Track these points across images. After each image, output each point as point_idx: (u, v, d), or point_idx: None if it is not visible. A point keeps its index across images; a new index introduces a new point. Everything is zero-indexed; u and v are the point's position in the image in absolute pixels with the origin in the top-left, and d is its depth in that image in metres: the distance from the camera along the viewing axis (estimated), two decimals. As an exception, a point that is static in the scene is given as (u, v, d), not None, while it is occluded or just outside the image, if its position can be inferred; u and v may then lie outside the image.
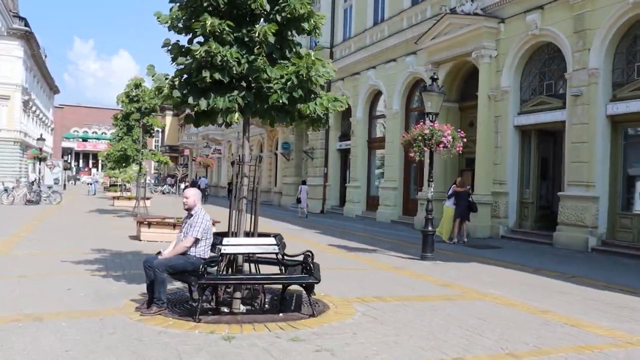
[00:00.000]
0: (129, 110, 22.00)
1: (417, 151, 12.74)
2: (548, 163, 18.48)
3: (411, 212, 23.22)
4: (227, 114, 6.79)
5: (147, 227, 14.27)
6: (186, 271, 6.69)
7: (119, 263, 10.57)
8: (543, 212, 18.14)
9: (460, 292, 9.10)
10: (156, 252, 7.26)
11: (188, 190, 7.16)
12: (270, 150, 40.69)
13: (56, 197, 31.11)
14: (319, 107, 7.20)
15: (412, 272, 11.01)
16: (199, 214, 6.94)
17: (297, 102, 7.03)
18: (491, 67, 18.43)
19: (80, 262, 10.46)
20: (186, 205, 7.01)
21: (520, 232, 17.59)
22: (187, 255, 6.76)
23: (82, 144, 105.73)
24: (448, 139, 12.57)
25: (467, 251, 14.89)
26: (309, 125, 7.61)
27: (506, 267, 12.16)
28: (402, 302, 8.04)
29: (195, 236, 6.77)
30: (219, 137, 52.23)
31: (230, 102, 6.71)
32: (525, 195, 18.07)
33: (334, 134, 30.13)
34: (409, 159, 23.88)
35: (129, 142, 22.18)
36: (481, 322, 6.99)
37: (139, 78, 22.29)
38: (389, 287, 9.31)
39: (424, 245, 12.95)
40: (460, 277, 10.56)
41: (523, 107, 17.93)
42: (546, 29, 16.57)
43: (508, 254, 14.34)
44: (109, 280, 8.82)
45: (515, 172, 18.08)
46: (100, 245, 13.01)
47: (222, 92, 6.77)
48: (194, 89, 6.84)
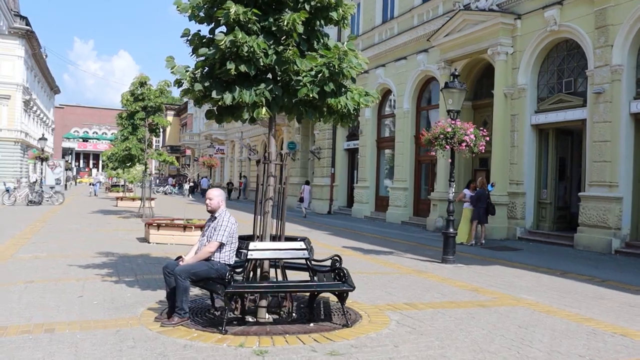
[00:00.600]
0: (133, 109, 21.50)
1: (438, 149, 12.24)
2: (566, 163, 17.99)
3: (422, 213, 22.76)
4: (254, 108, 6.31)
5: (156, 229, 13.77)
6: (210, 278, 6.19)
7: (130, 267, 10.08)
8: (561, 213, 17.65)
9: (492, 298, 8.62)
10: (175, 257, 6.77)
11: (212, 191, 6.64)
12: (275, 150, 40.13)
13: (58, 198, 30.63)
14: (350, 102, 6.72)
15: (436, 276, 10.52)
16: (224, 217, 6.45)
17: (327, 97, 6.55)
18: (507, 64, 17.94)
19: (90, 266, 9.98)
20: (210, 207, 6.51)
21: (538, 234, 17.10)
22: (211, 261, 6.27)
23: (82, 144, 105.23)
24: (471, 137, 12.10)
25: (487, 253, 14.40)
26: (337, 121, 7.13)
27: (531, 271, 11.67)
28: (436, 309, 7.55)
29: (220, 240, 6.28)
30: (221, 137, 51.75)
31: (257, 96, 6.22)
32: (542, 196, 17.58)
33: (341, 134, 29.64)
34: (420, 158, 23.51)
35: (133, 142, 21.66)
36: (525, 331, 6.51)
37: (144, 76, 21.82)
38: (416, 292, 8.82)
39: (445, 247, 12.46)
40: (488, 281, 10.10)
41: (540, 106, 17.44)
42: (565, 25, 16.08)
43: (530, 257, 13.86)
44: (122, 286, 8.33)
45: (532, 172, 17.60)
46: (108, 248, 12.53)
47: (247, 85, 6.28)
48: (217, 82, 6.35)
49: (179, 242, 13.54)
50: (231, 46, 5.97)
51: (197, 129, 67.33)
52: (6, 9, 45.48)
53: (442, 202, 20.06)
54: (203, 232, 6.63)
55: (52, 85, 74.70)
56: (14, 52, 48.17)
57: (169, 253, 11.99)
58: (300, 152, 33.93)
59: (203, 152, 59.97)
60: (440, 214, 20.06)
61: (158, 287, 8.27)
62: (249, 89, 6.24)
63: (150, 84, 21.88)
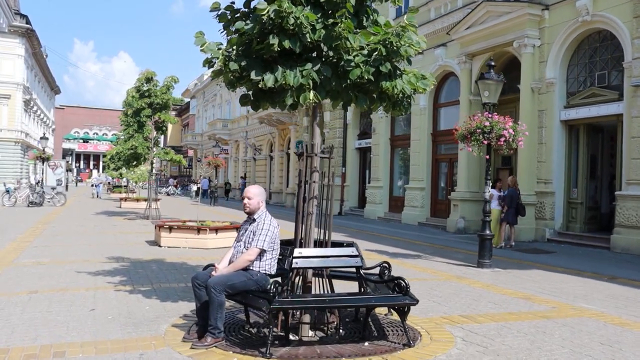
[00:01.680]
0: (139, 106, 20.55)
1: (475, 145, 11.32)
2: (596, 161, 17.06)
3: (440, 213, 21.85)
4: (299, 92, 5.38)
5: (168, 232, 12.83)
6: (249, 291, 5.27)
7: (144, 274, 9.15)
8: (592, 214, 16.73)
9: (551, 308, 7.71)
10: (205, 265, 5.85)
11: (251, 189, 5.69)
12: (281, 150, 39.27)
13: (60, 199, 29.69)
14: (407, 86, 5.80)
15: (478, 282, 9.62)
16: (264, 219, 5.52)
17: (380, 80, 5.64)
18: (534, 57, 17.02)
19: (99, 274, 9.06)
20: (248, 208, 5.56)
21: (569, 235, 16.17)
22: (249, 271, 5.34)
23: (82, 145, 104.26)
24: (509, 132, 11.19)
25: (520, 256, 13.49)
26: (389, 109, 6.21)
27: (576, 275, 10.80)
28: (498, 322, 6.64)
29: (261, 247, 5.35)
30: (225, 136, 50.78)
31: (303, 78, 5.30)
32: (572, 195, 16.65)
33: (352, 132, 28.74)
34: (437, 157, 22.59)
35: (139, 140, 20.71)
36: (611, 350, 5.62)
37: (151, 72, 20.88)
38: (466, 301, 7.90)
39: (481, 250, 11.55)
40: (535, 288, 9.21)
41: (571, 100, 16.52)
42: (599, 14, 15.17)
43: (567, 260, 12.95)
44: (138, 297, 7.40)
45: (561, 170, 16.68)
46: (116, 252, 11.61)
47: (290, 65, 5.37)
48: (255, 61, 5.42)
49: (192, 246, 12.62)
50: (275, 17, 5.05)
51: (199, 129, 66.42)
52: (6, 7, 44.56)
53: (463, 203, 19.20)
54: (238, 237, 5.69)
55: (53, 85, 73.77)
56: (14, 50, 47.31)
57: (184, 258, 11.08)
58: (309, 152, 32.93)
59: (206, 153, 59.14)
60: (461, 214, 19.16)
61: (179, 297, 7.35)
62: (293, 70, 5.32)
63: (156, 79, 20.95)
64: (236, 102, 50.37)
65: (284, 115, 35.58)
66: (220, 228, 13.05)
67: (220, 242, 12.84)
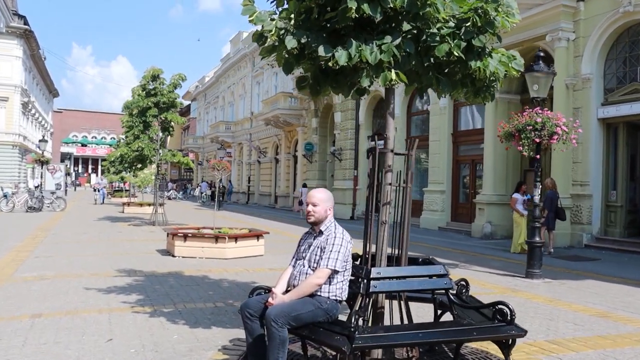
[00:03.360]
0: (145, 105, 19.41)
1: (526, 144, 10.22)
2: (636, 161, 15.97)
3: (461, 217, 20.77)
4: (378, 71, 4.27)
5: (182, 241, 11.69)
6: (317, 323, 4.14)
7: (163, 291, 8.02)
8: (632, 217, 15.64)
9: (637, 329, 6.64)
10: (252, 288, 4.72)
11: (316, 193, 4.51)
12: (288, 152, 38.14)
13: (60, 204, 28.51)
14: (500, 67, 4.72)
15: (539, 296, 8.55)
16: (335, 232, 4.38)
17: (470, 58, 4.56)
18: (569, 51, 15.95)
19: (112, 290, 7.93)
20: (313, 217, 4.41)
21: (608, 241, 15.07)
22: (316, 298, 4.20)
23: (81, 149, 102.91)
24: (563, 129, 10.10)
25: (564, 264, 12.43)
26: (470, 96, 5.13)
27: (637, 286, 9.78)
28: (596, 350, 5.63)
29: (333, 267, 4.21)
30: (228, 139, 49.61)
31: (384, 54, 4.19)
32: (611, 198, 15.57)
33: (364, 134, 27.62)
34: (458, 158, 21.52)
35: (145, 141, 19.57)
36: None
37: (157, 69, 19.76)
38: (541, 321, 6.82)
39: (530, 260, 10.47)
40: (603, 302, 8.24)
41: (609, 97, 15.43)
42: (643, 4, 14.12)
43: (618, 268, 11.88)
44: (161, 321, 6.27)
45: (599, 171, 15.59)
46: (127, 264, 10.48)
47: (364, 39, 4.26)
48: (318, 35, 4.32)
49: (210, 256, 11.49)
50: (350, -26, 3.95)
51: (200, 131, 65.26)
52: (4, 7, 43.38)
53: (489, 206, 18.13)
54: (298, 253, 4.56)
55: (51, 88, 72.55)
56: (12, 52, 46.17)
57: (204, 270, 9.95)
58: (318, 154, 31.89)
59: (208, 156, 57.98)
60: (488, 218, 18.08)
61: (210, 322, 6.23)
62: (369, 44, 4.22)
63: (163, 77, 19.83)
64: (240, 104, 49.29)
65: (291, 117, 34.52)
66: (240, 236, 11.93)
67: (240, 251, 11.74)
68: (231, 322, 6.21)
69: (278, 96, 35.66)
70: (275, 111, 34.94)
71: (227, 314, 6.62)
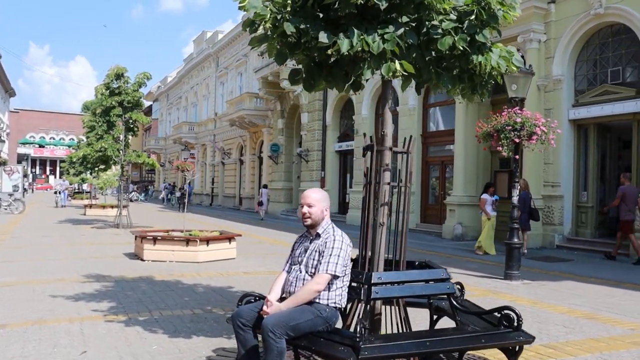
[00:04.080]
0: (109, 104, 18.81)
1: (505, 144, 10.10)
2: (605, 162, 16.10)
3: (431, 219, 20.73)
4: (381, 62, 4.01)
5: (152, 244, 11.25)
6: (317, 333, 3.85)
7: (136, 297, 7.61)
8: (601, 218, 15.75)
9: (631, 330, 6.59)
10: (241, 296, 4.41)
11: (311, 193, 4.22)
12: (253, 153, 37.66)
13: (18, 206, 27.52)
14: (503, 62, 4.53)
15: (522, 298, 8.45)
16: (334, 234, 4.10)
17: (471, 52, 4.35)
18: (540, 53, 15.99)
19: (80, 297, 7.49)
20: (309, 219, 4.13)
21: (579, 241, 15.14)
22: (315, 305, 3.91)
23: (38, 150, 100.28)
24: (542, 129, 10.03)
25: (538, 265, 12.44)
26: (467, 93, 4.92)
27: (615, 287, 9.79)
28: (594, 354, 5.51)
29: (333, 272, 3.92)
30: (192, 140, 48.83)
31: (387, 43, 3.93)
32: (582, 199, 15.65)
33: (332, 134, 27.43)
34: (427, 159, 21.47)
35: (109, 141, 18.95)
36: None
37: (121, 67, 19.17)
38: (531, 324, 6.59)
39: (508, 261, 10.36)
40: (587, 304, 8.15)
41: (580, 99, 15.51)
42: (614, 7, 14.19)
43: (593, 269, 11.88)
44: (137, 330, 5.88)
45: (570, 172, 15.66)
46: (95, 269, 10.01)
47: (365, 27, 4.00)
48: (315, 23, 4.03)
49: (180, 259, 11.07)
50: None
51: (162, 132, 64.19)
52: (-43, 2, 41.86)
53: (460, 207, 18.08)
54: (293, 258, 4.24)
55: (7, 87, 70.32)
56: (-34, 49, 44.54)
57: (176, 275, 9.55)
58: (284, 155, 31.55)
59: (170, 157, 57.04)
60: (459, 220, 18.03)
61: (190, 331, 5.87)
62: (371, 33, 3.95)
63: (127, 76, 19.25)
64: (203, 105, 48.60)
65: (257, 118, 34.08)
66: (212, 239, 11.54)
67: (211, 254, 11.36)
68: (212, 331, 5.87)
69: (243, 96, 35.20)
70: (240, 112, 34.46)
71: (207, 321, 6.27)
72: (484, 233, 14.43)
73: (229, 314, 6.66)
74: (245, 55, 38.84)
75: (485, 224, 14.37)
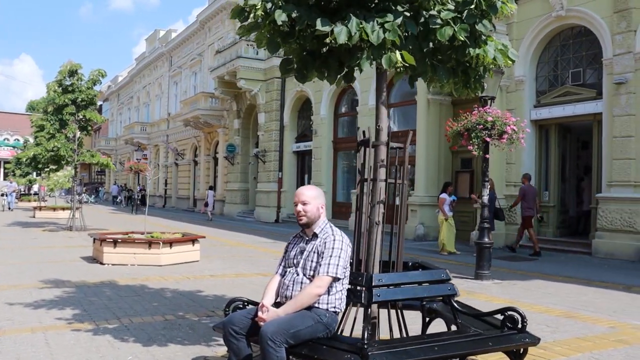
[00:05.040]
0: (62, 102, 18.07)
1: (476, 143, 10.05)
2: (566, 162, 16.32)
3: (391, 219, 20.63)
4: (380, 52, 3.78)
5: (112, 247, 10.76)
6: (317, 340, 3.59)
7: (101, 304, 7.17)
8: (563, 217, 15.96)
9: (611, 328, 6.61)
10: (228, 301, 4.12)
11: (305, 191, 3.94)
12: (207, 154, 37.01)
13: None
14: (499, 54, 4.39)
15: (497, 298, 8.38)
16: (333, 233, 3.86)
17: (469, 45, 4.19)
18: (502, 53, 16.08)
19: (40, 305, 7.01)
20: (305, 218, 3.86)
21: (542, 240, 15.20)
22: (314, 310, 3.65)
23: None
24: (512, 128, 10.03)
25: (505, 264, 12.44)
26: (460, 87, 4.76)
27: (585, 285, 9.82)
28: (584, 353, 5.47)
29: (334, 274, 3.67)
30: (144, 141, 47.73)
31: (388, 32, 3.71)
32: (544, 199, 15.81)
33: (289, 135, 27.17)
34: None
35: (62, 141, 18.21)
36: None
37: (75, 64, 18.47)
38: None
39: (479, 261, 10.31)
40: (564, 303, 8.15)
41: (542, 99, 15.67)
42: (575, 9, 14.37)
43: (559, 268, 11.95)
44: (108, 339, 5.49)
45: (532, 172, 15.70)
46: (51, 274, 9.48)
47: (364, 16, 3.77)
48: (309, 11, 3.78)
49: (143, 263, 10.63)
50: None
51: (113, 133, 62.67)
52: None
53: (422, 208, 18.11)
54: (287, 260, 3.97)
55: (-53, 85, 67.62)
56: None
57: (140, 279, 9.13)
58: (241, 156, 31.08)
59: (121, 158, 55.75)
60: (420, 220, 18.05)
61: (165, 339, 5.51)
62: (370, 22, 3.73)
63: (81, 73, 18.57)
64: (156, 105, 47.60)
65: (212, 118, 33.47)
66: (175, 241, 11.13)
67: (175, 257, 10.95)
68: (189, 338, 5.54)
69: (198, 96, 34.55)
70: (195, 112, 33.79)
71: (182, 328, 5.93)
72: (442, 233, 14.49)
73: (203, 319, 6.36)
74: (200, 55, 38.19)
75: (443, 224, 14.43)
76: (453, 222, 14.68)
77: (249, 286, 8.73)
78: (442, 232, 14.47)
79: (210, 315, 6.58)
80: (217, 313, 6.66)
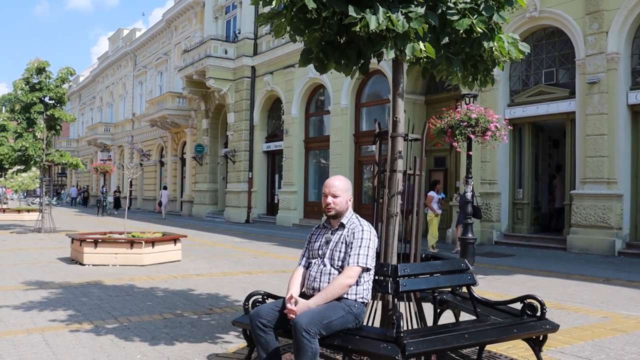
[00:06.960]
0: (29, 100, 17.62)
1: (461, 140, 10.18)
2: (539, 160, 16.65)
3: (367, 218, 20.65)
4: (405, 42, 3.78)
5: (93, 247, 10.53)
6: (347, 331, 3.57)
7: (93, 304, 6.99)
8: (537, 214, 16.28)
9: (604, 318, 6.72)
10: (248, 294, 4.06)
11: (336, 182, 3.89)
12: (174, 155, 36.57)
13: None
14: (512, 48, 4.46)
15: (486, 291, 8.40)
16: (360, 224, 3.84)
17: (482, 37, 4.23)
18: (476, 53, 16.31)
19: (30, 307, 6.80)
20: (334, 210, 3.82)
21: (517, 237, 15.56)
22: (343, 300, 3.63)
23: None
24: (496, 125, 10.20)
25: (484, 260, 12.64)
26: (468, 80, 4.80)
27: (565, 278, 10.03)
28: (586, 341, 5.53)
29: (365, 264, 3.66)
30: (108, 141, 46.88)
31: (414, 22, 3.71)
32: (518, 196, 16.09)
33: (259, 135, 27.06)
34: (360, 159, 21.54)
35: (30, 140, 17.77)
36: None
37: (43, 62, 18.03)
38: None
39: (464, 256, 10.51)
40: (554, 295, 8.27)
41: (515, 99, 15.94)
42: (548, 11, 14.68)
43: (537, 263, 12.20)
44: (111, 339, 5.36)
45: (506, 170, 16.07)
46: (32, 275, 9.23)
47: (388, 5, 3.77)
48: (335, -1, 3.75)
49: (125, 263, 10.43)
50: None
51: (74, 134, 61.42)
52: None
53: (397, 206, 18.18)
54: (312, 251, 3.92)
55: None
56: None
57: (125, 279, 8.96)
58: (209, 156, 30.81)
59: (84, 159, 54.64)
60: (397, 219, 18.14)
61: (169, 337, 5.41)
62: (395, 11, 3.72)
63: (49, 70, 18.14)
64: (120, 105, 46.83)
65: (179, 118, 33.12)
66: (157, 240, 10.95)
67: (157, 257, 10.78)
68: (194, 336, 5.44)
69: (165, 96, 34.12)
70: (162, 112, 33.36)
71: (184, 326, 5.82)
72: (432, 229, 14.47)
73: (203, 317, 6.27)
74: (166, 54, 37.74)
75: (432, 221, 14.47)
76: (437, 221, 14.76)
77: (238, 284, 8.65)
78: (433, 228, 14.48)
79: (209, 313, 6.48)
80: (216, 311, 6.59)
